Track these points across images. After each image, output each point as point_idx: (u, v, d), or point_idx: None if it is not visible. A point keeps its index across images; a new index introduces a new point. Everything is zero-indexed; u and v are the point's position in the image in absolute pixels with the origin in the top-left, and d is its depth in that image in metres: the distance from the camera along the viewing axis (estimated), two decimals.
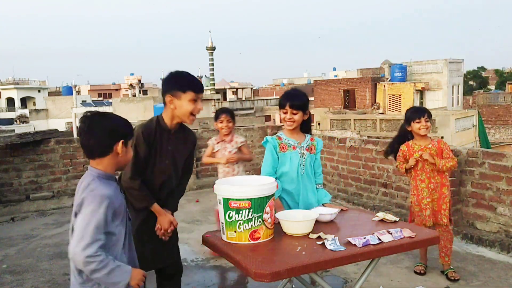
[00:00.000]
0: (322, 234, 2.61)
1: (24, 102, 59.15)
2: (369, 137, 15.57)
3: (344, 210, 3.19)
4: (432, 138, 4.15)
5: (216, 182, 2.72)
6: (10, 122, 40.22)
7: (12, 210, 6.71)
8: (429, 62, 35.19)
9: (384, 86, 34.59)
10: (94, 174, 2.15)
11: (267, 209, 2.58)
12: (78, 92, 54.62)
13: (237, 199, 2.53)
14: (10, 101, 58.93)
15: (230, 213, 2.55)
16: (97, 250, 2.00)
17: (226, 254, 2.52)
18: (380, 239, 2.55)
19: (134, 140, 2.65)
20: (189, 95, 2.79)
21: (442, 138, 23.39)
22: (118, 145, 2.17)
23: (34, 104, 57.73)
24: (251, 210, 2.53)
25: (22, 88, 59.60)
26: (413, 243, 2.62)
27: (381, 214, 2.95)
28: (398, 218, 2.93)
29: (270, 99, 48.12)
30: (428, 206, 4.05)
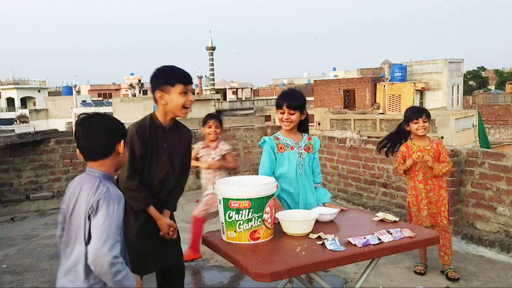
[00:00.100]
0: (322, 234, 2.61)
1: (24, 102, 59.18)
2: (369, 137, 15.56)
3: (344, 210, 3.19)
4: (431, 139, 4.15)
5: (216, 182, 2.72)
6: (10, 122, 40.25)
7: (12, 210, 6.71)
8: (429, 62, 35.20)
9: (384, 86, 34.59)
10: (98, 176, 2.11)
11: (267, 209, 2.58)
12: (78, 92, 54.71)
13: (237, 199, 2.53)
14: (10, 101, 58.98)
15: (230, 213, 2.55)
16: (119, 251, 1.98)
17: (226, 254, 2.52)
18: (380, 239, 2.55)
19: (128, 139, 2.63)
20: (178, 88, 2.75)
21: (442, 138, 23.45)
22: (120, 144, 2.16)
23: (34, 104, 57.76)
24: (251, 210, 2.53)
25: (22, 88, 59.64)
26: (413, 243, 2.62)
27: (381, 214, 2.96)
28: (398, 218, 2.94)
29: (270, 99, 48.07)
30: (425, 207, 4.06)
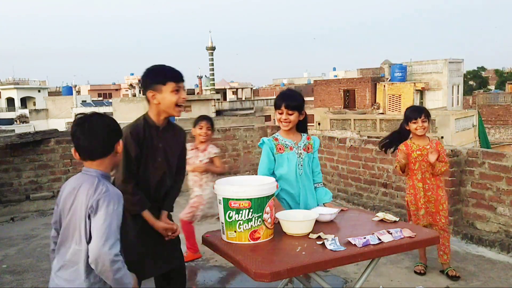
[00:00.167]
0: (322, 234, 2.61)
1: (24, 102, 59.17)
2: (369, 137, 15.56)
3: (344, 210, 3.19)
4: (430, 139, 4.15)
5: (216, 182, 2.72)
6: (10, 122, 40.25)
7: (12, 210, 6.71)
8: (429, 62, 35.18)
9: (384, 86, 34.59)
10: (96, 175, 2.11)
11: (267, 209, 2.58)
12: (78, 92, 54.77)
13: (237, 199, 2.53)
14: (10, 101, 58.97)
15: (230, 213, 2.55)
16: (119, 249, 2.00)
17: (226, 254, 2.52)
18: (380, 239, 2.55)
19: (123, 142, 2.62)
20: (170, 86, 2.72)
21: (442, 138, 23.45)
22: (119, 144, 2.17)
23: (34, 104, 57.75)
24: (251, 210, 2.53)
25: (22, 88, 59.63)
26: (413, 243, 2.62)
27: (381, 214, 2.96)
28: (398, 218, 2.94)
29: (270, 99, 48.06)
30: (423, 205, 4.06)
